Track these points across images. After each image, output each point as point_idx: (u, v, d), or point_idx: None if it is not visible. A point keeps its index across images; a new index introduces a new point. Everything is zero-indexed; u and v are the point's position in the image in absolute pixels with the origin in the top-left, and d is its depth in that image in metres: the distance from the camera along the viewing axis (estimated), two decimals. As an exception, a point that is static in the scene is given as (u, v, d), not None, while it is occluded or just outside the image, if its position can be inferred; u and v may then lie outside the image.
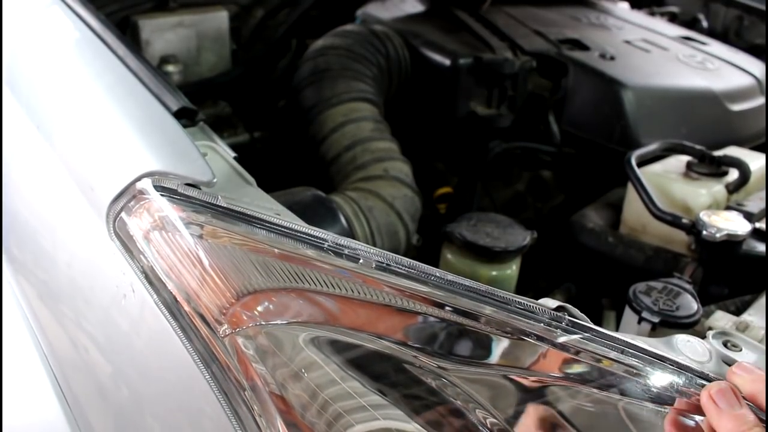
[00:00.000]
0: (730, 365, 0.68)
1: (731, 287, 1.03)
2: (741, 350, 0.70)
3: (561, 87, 1.45)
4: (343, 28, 1.57)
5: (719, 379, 0.61)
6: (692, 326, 0.84)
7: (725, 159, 1.19)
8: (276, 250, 0.61)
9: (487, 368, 0.57)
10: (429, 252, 1.21)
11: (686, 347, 0.67)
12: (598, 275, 1.22)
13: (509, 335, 0.58)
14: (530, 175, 1.61)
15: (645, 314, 0.84)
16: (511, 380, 0.57)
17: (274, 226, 0.63)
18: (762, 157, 1.27)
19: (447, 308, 0.58)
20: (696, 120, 1.43)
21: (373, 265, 0.60)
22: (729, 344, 0.71)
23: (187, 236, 0.62)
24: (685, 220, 1.04)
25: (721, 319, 0.86)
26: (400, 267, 0.60)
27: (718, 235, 0.98)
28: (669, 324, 0.83)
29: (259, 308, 0.58)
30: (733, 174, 1.18)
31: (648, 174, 1.17)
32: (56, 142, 0.84)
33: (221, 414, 0.57)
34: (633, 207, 1.18)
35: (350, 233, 1.13)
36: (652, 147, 1.22)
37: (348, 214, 1.15)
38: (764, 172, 1.24)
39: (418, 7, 1.77)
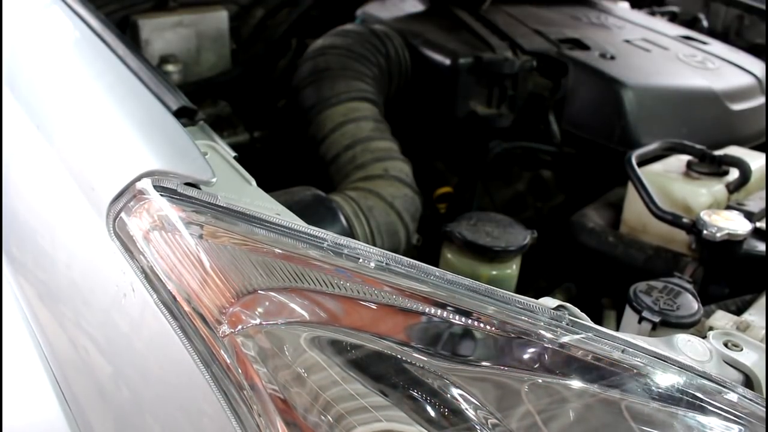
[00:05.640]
0: (730, 365, 0.68)
1: (732, 287, 1.03)
2: (742, 350, 0.70)
3: (561, 87, 1.45)
4: (343, 27, 1.57)
5: (720, 379, 0.61)
6: (693, 326, 0.84)
7: (726, 158, 1.18)
8: (276, 250, 0.61)
9: (489, 368, 0.57)
10: (429, 252, 1.21)
11: (687, 347, 0.67)
12: (599, 275, 1.21)
13: (510, 335, 0.58)
14: (530, 175, 1.61)
15: (645, 314, 0.84)
16: (513, 380, 0.57)
17: (274, 226, 0.63)
18: (762, 156, 1.27)
19: (448, 308, 0.58)
20: (696, 119, 1.43)
21: (373, 265, 0.60)
22: (730, 344, 0.71)
23: (187, 236, 0.62)
24: (685, 220, 1.04)
25: (721, 318, 0.86)
26: (400, 266, 0.60)
27: (718, 234, 0.98)
28: (669, 324, 0.83)
29: (259, 308, 0.58)
30: (734, 173, 1.18)
31: (648, 173, 1.17)
32: (56, 141, 0.84)
33: (221, 414, 0.57)
34: (633, 206, 1.18)
35: (350, 233, 1.13)
36: (652, 146, 1.22)
37: (348, 214, 1.15)
38: (765, 172, 1.24)
39: (418, 7, 1.77)
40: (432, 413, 0.53)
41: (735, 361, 0.68)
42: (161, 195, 0.65)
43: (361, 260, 0.60)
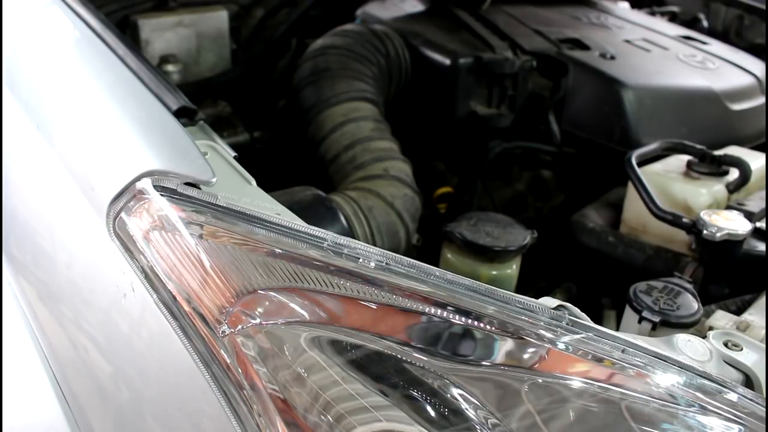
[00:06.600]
0: (730, 365, 0.68)
1: (732, 287, 1.03)
2: (742, 350, 0.70)
3: (561, 86, 1.45)
4: (343, 27, 1.57)
5: (720, 379, 0.61)
6: (693, 326, 0.84)
7: (726, 158, 1.18)
8: (276, 250, 0.61)
9: (489, 368, 0.57)
10: (429, 252, 1.21)
11: (687, 347, 0.67)
12: (599, 275, 1.21)
13: (510, 335, 0.58)
14: (530, 175, 1.61)
15: (645, 314, 0.84)
16: (513, 380, 0.57)
17: (274, 226, 0.63)
18: (762, 156, 1.27)
19: (448, 308, 0.58)
20: (696, 119, 1.43)
21: (373, 265, 0.60)
22: (730, 344, 0.71)
23: (187, 236, 0.62)
24: (685, 220, 1.04)
25: (721, 318, 0.86)
26: (400, 266, 0.60)
27: (718, 234, 0.98)
28: (669, 323, 0.83)
29: (259, 308, 0.58)
30: (734, 173, 1.18)
31: (648, 173, 1.17)
32: (56, 141, 0.84)
33: (221, 414, 0.57)
34: (633, 206, 1.18)
35: (350, 233, 1.13)
36: (652, 146, 1.22)
37: (348, 214, 1.15)
38: (764, 172, 1.24)
39: (418, 7, 1.77)
40: (432, 413, 0.53)
41: (735, 361, 0.68)
42: (161, 195, 0.65)
43: (361, 260, 0.60)
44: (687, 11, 2.18)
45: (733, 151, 1.27)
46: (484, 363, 0.57)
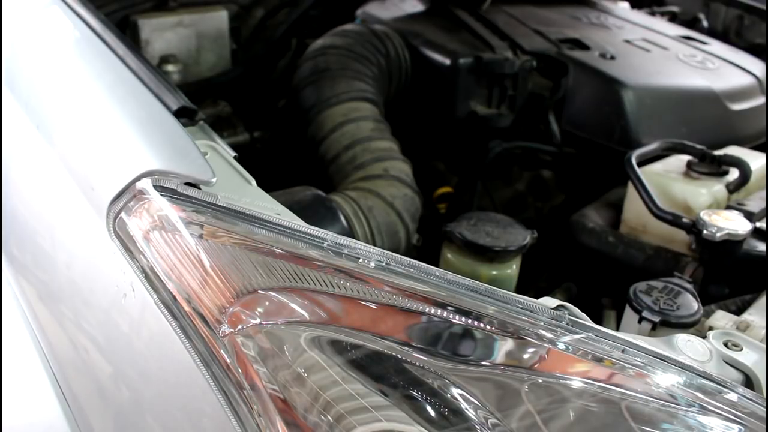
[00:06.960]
0: (730, 365, 0.68)
1: (732, 287, 1.03)
2: (741, 350, 0.70)
3: (561, 86, 1.45)
4: (343, 27, 1.57)
5: (720, 379, 0.61)
6: (693, 326, 0.84)
7: (726, 158, 1.18)
8: (276, 250, 0.61)
9: (489, 368, 0.57)
10: (429, 252, 1.21)
11: (687, 347, 0.67)
12: (599, 275, 1.21)
13: (510, 335, 0.58)
14: (530, 175, 1.61)
15: (645, 314, 0.84)
16: (513, 380, 0.57)
17: (274, 226, 0.63)
18: (762, 156, 1.27)
19: (448, 308, 0.58)
20: (696, 119, 1.43)
21: (373, 265, 0.60)
22: (729, 344, 0.71)
23: (187, 236, 0.62)
24: (685, 220, 1.04)
25: (721, 318, 0.86)
26: (400, 266, 0.60)
27: (718, 234, 0.98)
28: (669, 323, 0.83)
29: (259, 308, 0.58)
30: (734, 173, 1.18)
31: (648, 173, 1.17)
32: (56, 141, 0.84)
33: (221, 414, 0.57)
34: (633, 206, 1.18)
35: (350, 233, 1.13)
36: (652, 146, 1.22)
37: (348, 214, 1.15)
38: (764, 172, 1.24)
39: (418, 7, 1.77)
40: (432, 413, 0.53)
41: (735, 361, 0.68)
42: (161, 195, 0.65)
43: (361, 260, 0.60)
44: (687, 11, 2.18)
45: (733, 151, 1.27)
46: (484, 363, 0.57)
